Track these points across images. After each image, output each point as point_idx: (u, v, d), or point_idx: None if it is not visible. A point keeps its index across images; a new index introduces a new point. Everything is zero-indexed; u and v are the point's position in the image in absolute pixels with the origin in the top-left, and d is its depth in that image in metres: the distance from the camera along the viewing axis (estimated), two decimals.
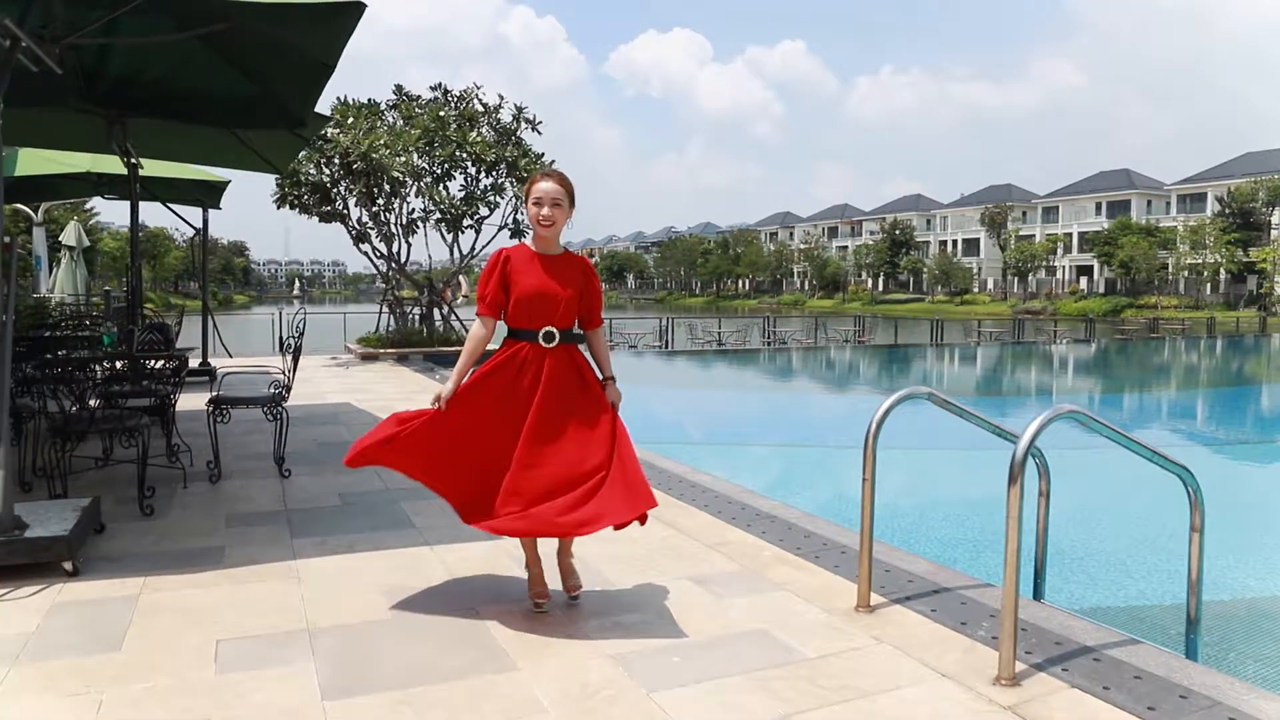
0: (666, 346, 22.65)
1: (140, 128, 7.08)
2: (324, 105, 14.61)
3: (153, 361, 6.12)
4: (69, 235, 14.74)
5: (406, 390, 10.69)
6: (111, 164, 8.90)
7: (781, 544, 4.40)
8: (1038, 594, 4.03)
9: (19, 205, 18.61)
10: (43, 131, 7.81)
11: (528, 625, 3.31)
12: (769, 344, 25.23)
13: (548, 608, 3.45)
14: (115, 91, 6.25)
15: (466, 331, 16.78)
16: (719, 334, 24.97)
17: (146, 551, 4.14)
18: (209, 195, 11.39)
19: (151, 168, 9.11)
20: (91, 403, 4.74)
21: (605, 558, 4.12)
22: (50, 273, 15.73)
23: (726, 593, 3.71)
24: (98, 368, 5.42)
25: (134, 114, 6.64)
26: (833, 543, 4.42)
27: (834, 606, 3.56)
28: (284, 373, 5.97)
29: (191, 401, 7.06)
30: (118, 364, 5.90)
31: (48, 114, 6.67)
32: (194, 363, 11.34)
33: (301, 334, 6.14)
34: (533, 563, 3.49)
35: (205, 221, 12.25)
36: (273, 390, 5.88)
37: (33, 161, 9.69)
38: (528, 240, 3.46)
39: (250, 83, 6.05)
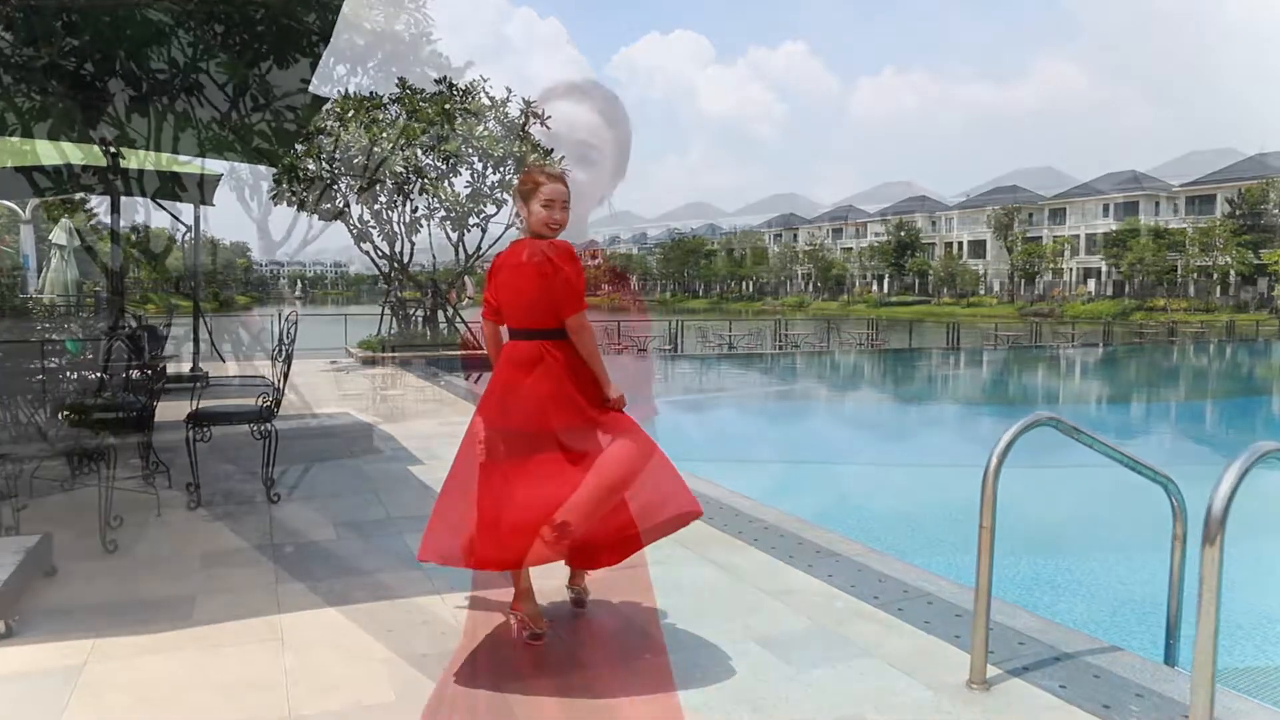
0: (677, 351, 21.94)
1: (119, 114, 6.43)
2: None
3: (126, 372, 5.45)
4: (58, 234, 14.08)
5: (409, 398, 10.02)
6: (94, 156, 8.24)
7: (854, 591, 3.73)
8: (1169, 659, 3.36)
9: (10, 204, 18.03)
10: (13, 119, 7.17)
11: (566, 710, 2.64)
12: (781, 348, 24.49)
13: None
14: (85, 69, 5.58)
15: (471, 334, 16.16)
16: (729, 338, 24.27)
17: (102, 602, 3.47)
18: (200, 191, 10.72)
19: (135, 159, 8.45)
20: (43, 420, 4.07)
21: (649, 610, 3.46)
22: (40, 273, 15.08)
23: (803, 660, 3.04)
24: (61, 378, 4.75)
25: (109, 97, 5.98)
26: (914, 590, 3.75)
27: (940, 680, 2.89)
28: (274, 385, 5.30)
29: (178, 411, 6.38)
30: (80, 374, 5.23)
31: (13, 97, 6.03)
32: (185, 368, 10.70)
33: (293, 340, 5.47)
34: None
35: (197, 218, 11.60)
36: (260, 404, 5.21)
37: (8, 153, 9.02)
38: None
39: (236, 59, 5.40)
